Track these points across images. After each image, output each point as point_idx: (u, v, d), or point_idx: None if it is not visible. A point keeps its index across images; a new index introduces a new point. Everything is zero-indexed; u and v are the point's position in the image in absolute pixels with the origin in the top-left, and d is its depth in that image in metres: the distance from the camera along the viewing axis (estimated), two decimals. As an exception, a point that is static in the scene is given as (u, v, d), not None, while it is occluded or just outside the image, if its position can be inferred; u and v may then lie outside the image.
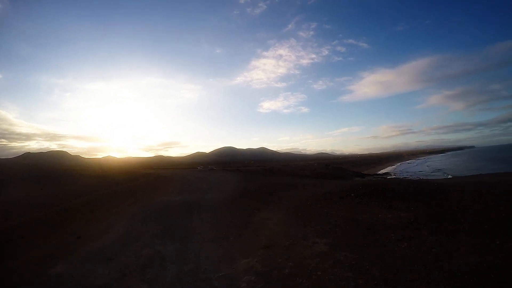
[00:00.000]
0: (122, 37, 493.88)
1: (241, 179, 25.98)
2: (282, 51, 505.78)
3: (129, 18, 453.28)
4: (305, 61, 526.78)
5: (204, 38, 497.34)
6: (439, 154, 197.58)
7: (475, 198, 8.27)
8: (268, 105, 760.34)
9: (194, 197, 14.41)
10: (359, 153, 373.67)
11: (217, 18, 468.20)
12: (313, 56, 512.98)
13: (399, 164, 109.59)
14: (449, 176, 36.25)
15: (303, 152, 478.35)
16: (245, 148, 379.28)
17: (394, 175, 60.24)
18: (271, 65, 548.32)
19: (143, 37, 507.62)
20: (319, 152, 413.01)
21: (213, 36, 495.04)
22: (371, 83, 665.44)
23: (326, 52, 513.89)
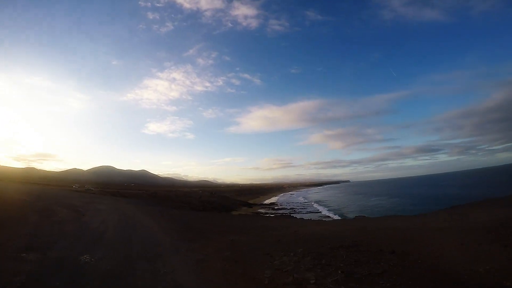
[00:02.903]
0: (17, 26, 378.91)
1: (172, 224, 14.29)
2: (177, 74, 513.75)
3: (28, 6, 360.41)
4: (198, 88, 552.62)
5: (103, 46, 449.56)
6: (317, 187, 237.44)
7: None
8: (154, 127, 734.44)
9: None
10: (240, 182, 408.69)
11: (122, 28, 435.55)
12: (208, 84, 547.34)
13: (281, 195, 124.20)
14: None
15: (185, 178, 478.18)
16: (125, 169, 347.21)
17: (280, 205, 64.78)
18: (163, 87, 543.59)
19: (37, 32, 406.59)
20: (201, 179, 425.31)
21: (113, 46, 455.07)
22: (259, 118, 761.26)
23: (220, 83, 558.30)
